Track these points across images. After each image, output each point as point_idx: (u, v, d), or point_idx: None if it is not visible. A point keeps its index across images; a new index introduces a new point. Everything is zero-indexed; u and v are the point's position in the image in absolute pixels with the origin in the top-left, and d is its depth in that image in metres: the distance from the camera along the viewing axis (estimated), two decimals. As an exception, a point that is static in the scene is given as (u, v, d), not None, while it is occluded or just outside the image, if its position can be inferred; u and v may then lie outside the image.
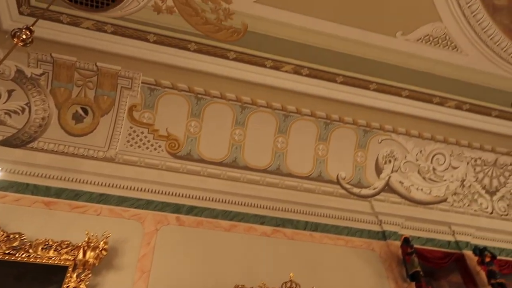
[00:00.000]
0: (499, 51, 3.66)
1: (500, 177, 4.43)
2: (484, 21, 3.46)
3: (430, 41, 3.53)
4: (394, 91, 3.82)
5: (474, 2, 3.34)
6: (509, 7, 3.41)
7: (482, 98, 4.00)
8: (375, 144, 4.04)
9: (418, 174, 4.17)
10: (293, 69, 3.52)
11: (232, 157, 3.61)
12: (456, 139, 4.21)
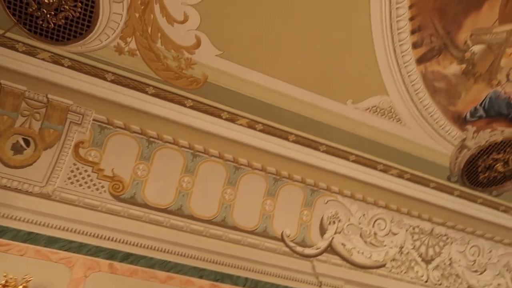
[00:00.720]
0: (438, 128, 3.98)
1: (435, 247, 4.62)
2: (425, 99, 3.78)
3: (377, 112, 3.78)
4: (342, 155, 3.99)
5: (417, 82, 3.66)
6: (446, 90, 3.77)
7: (421, 169, 4.26)
8: (321, 204, 4.12)
9: (360, 238, 4.26)
10: (248, 123, 3.60)
11: (178, 204, 3.52)
12: (397, 206, 4.39)
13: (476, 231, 4.70)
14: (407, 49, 3.45)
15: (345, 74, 3.49)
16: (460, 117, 3.97)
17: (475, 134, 4.07)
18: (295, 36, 3.19)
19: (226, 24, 3.08)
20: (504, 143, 4.13)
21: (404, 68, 3.53)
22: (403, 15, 3.26)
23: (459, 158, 4.20)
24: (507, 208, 4.64)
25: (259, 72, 3.34)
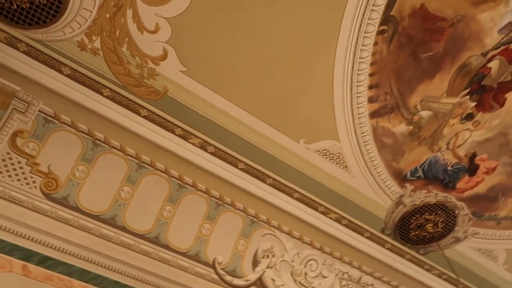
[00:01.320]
0: (380, 181, 4.17)
1: (361, 295, 4.73)
2: (372, 152, 3.97)
3: (327, 156, 3.91)
4: (287, 191, 4.05)
5: (367, 134, 3.84)
6: (392, 147, 3.98)
7: (359, 218, 4.41)
8: (259, 236, 4.12)
9: (291, 276, 4.28)
10: (200, 143, 3.59)
11: (112, 213, 3.38)
12: (331, 250, 4.48)
13: (400, 286, 4.87)
14: (362, 102, 3.63)
15: (302, 114, 3.60)
16: (401, 175, 4.19)
17: (412, 193, 4.29)
18: (262, 68, 3.26)
19: (197, 43, 3.10)
20: (436, 205, 4.38)
21: (358, 119, 3.70)
22: (364, 70, 3.45)
23: (395, 213, 4.40)
24: (431, 268, 4.88)
25: (220, 95, 3.36)
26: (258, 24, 3.04)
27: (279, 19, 3.04)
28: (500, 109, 3.89)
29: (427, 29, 3.36)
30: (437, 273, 4.95)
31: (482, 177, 4.35)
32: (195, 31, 3.03)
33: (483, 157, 4.18)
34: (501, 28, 3.45)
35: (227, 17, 2.97)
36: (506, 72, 3.69)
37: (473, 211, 4.55)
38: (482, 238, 4.82)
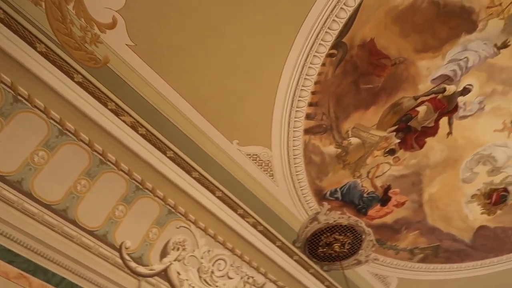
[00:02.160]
0: (301, 194, 4.33)
1: (261, 301, 4.86)
2: (299, 166, 4.11)
3: (256, 161, 3.97)
4: (210, 188, 4.04)
5: (298, 148, 3.97)
6: (319, 165, 4.16)
7: (275, 226, 4.53)
8: (173, 227, 4.06)
9: (197, 272, 4.26)
10: (132, 123, 3.46)
11: (19, 177, 3.13)
12: (241, 253, 4.55)
13: (299, 297, 5.09)
14: (300, 117, 3.75)
15: (241, 116, 3.63)
16: (321, 193, 4.38)
17: (328, 212, 4.51)
18: (210, 63, 3.24)
19: (149, 21, 3.00)
20: (347, 227, 4.64)
21: (292, 132, 3.82)
22: (308, 87, 3.57)
23: (308, 228, 4.59)
24: (330, 284, 5.15)
25: (162, 78, 3.28)
26: (214, 20, 3.02)
27: (237, 20, 3.05)
28: (419, 150, 4.24)
29: (371, 63, 3.57)
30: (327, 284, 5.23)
31: (392, 209, 4.70)
32: (151, 9, 2.93)
33: (396, 190, 4.52)
34: (434, 78, 3.77)
35: (186, 4, 2.92)
36: (430, 119, 4.04)
37: (377, 238, 4.89)
38: (380, 264, 5.20)
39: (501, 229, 5.11)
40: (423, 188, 4.57)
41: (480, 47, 3.65)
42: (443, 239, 5.10)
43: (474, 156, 4.40)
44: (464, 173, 4.53)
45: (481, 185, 4.68)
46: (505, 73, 3.83)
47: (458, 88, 3.87)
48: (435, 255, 5.29)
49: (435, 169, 4.42)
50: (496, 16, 3.49)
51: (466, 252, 5.30)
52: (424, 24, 3.44)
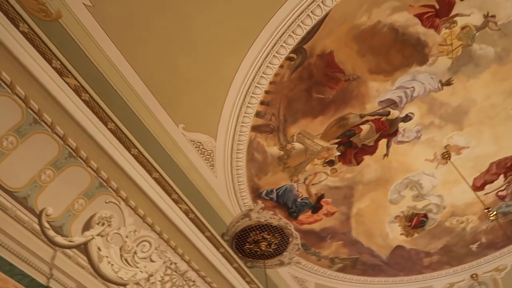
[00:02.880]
0: (237, 189, 4.36)
1: None
2: (241, 161, 4.14)
3: (199, 149, 3.94)
4: (148, 167, 3.95)
5: (243, 143, 3.99)
6: (260, 164, 4.21)
7: (207, 217, 4.53)
8: (102, 201, 3.92)
9: (119, 250, 4.15)
10: (76, 86, 3.28)
11: None
12: (168, 237, 4.49)
13: (219, 289, 5.13)
14: (250, 113, 3.78)
15: (192, 101, 3.58)
16: (258, 191, 4.45)
17: (261, 210, 4.59)
18: (169, 40, 3.16)
19: (113, -16, 2.87)
20: (276, 228, 4.75)
21: (240, 126, 3.83)
22: (263, 85, 3.60)
23: (239, 223, 4.64)
24: (251, 281, 5.25)
25: (116, 46, 3.14)
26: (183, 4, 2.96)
27: (204, 6, 3.00)
28: (356, 166, 4.44)
29: (327, 74, 3.68)
30: (254, 287, 5.34)
31: (321, 217, 4.88)
32: (116, -29, 2.81)
33: (328, 200, 4.70)
34: (381, 101, 3.96)
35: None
36: (371, 138, 4.24)
37: (303, 243, 5.06)
38: (302, 268, 5.38)
39: (415, 251, 5.50)
40: (353, 202, 4.79)
41: (427, 80, 3.90)
42: (363, 252, 5.39)
43: (404, 180, 4.69)
44: (392, 194, 4.81)
45: (405, 208, 5.00)
46: (444, 108, 4.12)
47: (401, 114, 4.10)
48: (353, 266, 5.57)
49: (367, 186, 4.65)
50: (446, 54, 3.75)
51: (381, 267, 5.64)
52: (381, 47, 3.60)
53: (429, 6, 3.43)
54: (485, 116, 4.25)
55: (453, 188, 4.79)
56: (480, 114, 4.22)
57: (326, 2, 3.24)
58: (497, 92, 4.08)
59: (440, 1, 3.40)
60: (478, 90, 4.02)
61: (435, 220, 5.20)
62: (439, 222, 5.22)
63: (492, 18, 3.59)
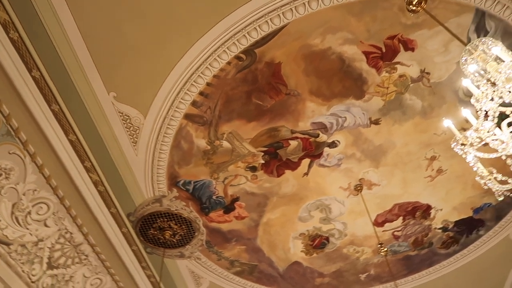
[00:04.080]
0: (155, 172, 4.24)
1: (69, 259, 4.57)
2: (166, 145, 4.03)
3: (126, 122, 3.79)
4: (66, 127, 3.65)
5: (172, 128, 3.91)
6: (184, 153, 4.16)
7: (116, 193, 4.34)
8: (4, 150, 3.56)
9: (11, 206, 3.83)
10: (5, 21, 2.97)
11: None
12: (70, 205, 4.22)
13: (111, 268, 4.93)
14: (187, 100, 3.73)
15: (130, 72, 3.45)
16: (175, 179, 4.38)
17: (174, 199, 4.52)
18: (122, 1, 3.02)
19: None
20: (185, 220, 4.71)
21: (174, 110, 3.76)
22: (206, 76, 3.58)
23: (149, 207, 4.52)
24: (146, 266, 5.13)
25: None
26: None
27: (168, -23, 2.92)
28: (276, 178, 4.56)
29: (270, 83, 3.75)
30: (148, 273, 5.22)
31: (232, 219, 4.93)
32: None
33: (242, 204, 4.77)
34: (314, 122, 4.13)
35: None
36: (296, 155, 4.39)
37: (208, 240, 5.07)
38: (200, 264, 5.38)
39: (310, 269, 5.77)
40: (265, 211, 4.91)
41: (359, 115, 4.14)
42: (263, 261, 5.53)
43: (316, 201, 4.91)
44: (303, 212, 5.01)
45: (311, 228, 5.24)
46: (367, 144, 4.40)
47: (328, 139, 4.30)
48: (250, 272, 5.69)
49: (281, 199, 4.80)
50: (380, 96, 4.02)
51: (276, 279, 5.83)
52: (326, 72, 3.77)
53: (377, 47, 3.66)
54: (400, 161, 4.61)
55: (358, 219, 5.12)
56: (396, 158, 4.57)
57: (287, 14, 3.32)
58: (415, 142, 4.45)
59: (387, 46, 3.65)
60: (399, 135, 4.36)
61: (335, 245, 5.50)
62: (338, 248, 5.54)
63: (427, 75, 3.92)
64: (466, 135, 1.74)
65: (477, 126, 1.65)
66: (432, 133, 4.34)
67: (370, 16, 3.44)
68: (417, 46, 3.67)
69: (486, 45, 1.75)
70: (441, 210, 5.18)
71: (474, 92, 1.69)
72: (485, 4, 3.36)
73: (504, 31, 3.52)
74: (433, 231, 5.45)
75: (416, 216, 5.24)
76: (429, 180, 4.82)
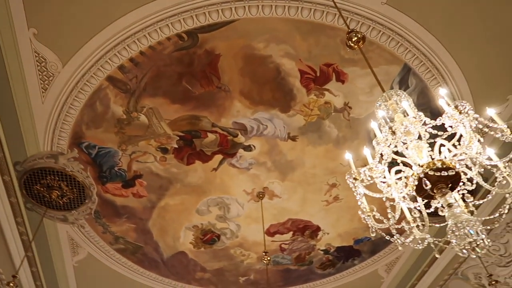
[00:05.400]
0: (59, 127, 3.94)
1: None
2: (79, 101, 3.77)
3: (40, 65, 3.47)
4: None
5: (91, 85, 3.67)
6: (97, 115, 3.92)
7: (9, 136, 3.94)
8: None
9: None
10: None
11: None
12: None
13: (-21, 215, 4.46)
14: (115, 62, 3.54)
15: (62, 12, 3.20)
16: (80, 140, 4.10)
17: (72, 160, 4.23)
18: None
19: None
20: (77, 184, 4.43)
21: (97, 68, 3.54)
22: (141, 44, 3.44)
23: (42, 161, 4.17)
24: (22, 222, 4.69)
25: None
26: None
27: None
28: (185, 165, 4.51)
29: (204, 71, 3.72)
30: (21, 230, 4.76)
31: (129, 194, 4.76)
32: None
33: (143, 182, 4.63)
34: (236, 122, 4.17)
35: None
36: (211, 148, 4.39)
37: (97, 210, 4.83)
38: (82, 233, 5.08)
39: (194, 262, 5.79)
40: (165, 195, 4.82)
41: (280, 127, 4.27)
42: (149, 244, 5.41)
43: (218, 198, 4.95)
44: (202, 205, 5.02)
45: (206, 222, 5.26)
46: (280, 157, 4.56)
47: (245, 142, 4.37)
48: (133, 252, 5.54)
49: (184, 188, 4.75)
50: (304, 115, 4.19)
51: (158, 264, 5.75)
52: (260, 78, 3.83)
53: (312, 69, 3.82)
54: (305, 180, 4.84)
55: (252, 224, 5.26)
56: (302, 176, 4.79)
57: (239, 11, 3.32)
58: (322, 166, 4.71)
59: (322, 71, 3.83)
60: (311, 157, 4.58)
61: (224, 244, 5.59)
62: (226, 247, 5.63)
63: (349, 109, 4.19)
64: (360, 171, 1.90)
65: (371, 166, 1.83)
66: (339, 162, 4.63)
67: (315, 39, 3.59)
68: (348, 80, 3.91)
69: (399, 98, 1.94)
70: (328, 234, 5.53)
71: (377, 135, 1.86)
72: (413, 62, 3.70)
73: (421, 91, 3.90)
74: (316, 251, 5.80)
75: (305, 234, 5.53)
76: (325, 204, 5.13)
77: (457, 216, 1.64)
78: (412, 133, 1.73)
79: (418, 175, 1.67)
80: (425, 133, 1.71)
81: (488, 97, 3.80)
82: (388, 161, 1.78)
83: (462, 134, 1.73)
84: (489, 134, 1.71)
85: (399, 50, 3.61)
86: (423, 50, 3.57)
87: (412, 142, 1.70)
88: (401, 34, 3.48)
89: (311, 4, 3.32)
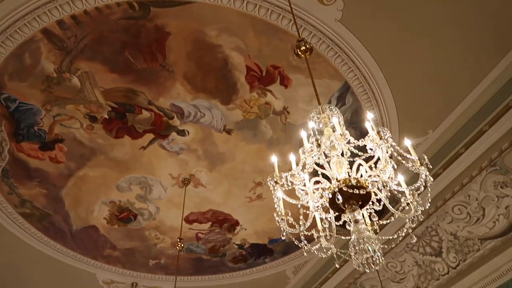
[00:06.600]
0: (-23, 71, 3.59)
1: None
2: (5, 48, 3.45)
3: None
4: None
5: (21, 34, 3.38)
6: (25, 67, 3.62)
7: None
8: None
9: None
10: None
11: None
12: None
13: None
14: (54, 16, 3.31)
15: None
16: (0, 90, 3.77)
17: None
18: None
19: None
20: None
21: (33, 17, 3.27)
22: (88, 4, 3.23)
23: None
24: None
25: None
26: None
27: None
28: (112, 138, 4.32)
29: (150, 47, 3.59)
30: None
31: (45, 158, 4.46)
32: None
33: (64, 148, 4.36)
34: (174, 104, 4.08)
35: None
36: (143, 126, 4.25)
37: (6, 168, 4.47)
38: (-16, 190, 4.69)
39: (105, 239, 5.59)
40: (86, 165, 4.59)
41: (217, 118, 4.26)
42: (58, 213, 5.12)
43: (142, 177, 4.82)
44: (123, 182, 4.85)
45: (124, 200, 5.10)
46: (212, 147, 4.55)
47: (179, 126, 4.30)
48: (39, 220, 5.20)
49: (108, 161, 4.56)
50: (243, 111, 4.22)
51: (65, 235, 5.46)
52: (206, 66, 3.79)
53: (259, 68, 3.86)
54: (232, 174, 4.88)
55: (172, 209, 5.20)
56: (230, 170, 4.83)
57: (198, -7, 3.25)
58: (252, 164, 4.79)
59: (268, 72, 3.88)
60: (242, 153, 4.63)
61: (140, 224, 5.45)
62: (142, 228, 5.50)
63: (287, 114, 4.29)
64: (282, 175, 1.96)
65: (294, 173, 1.90)
66: (268, 163, 4.73)
67: (267, 39, 3.62)
68: (291, 85, 4.00)
69: (332, 113, 2.03)
70: (245, 229, 5.64)
71: (304, 144, 1.94)
72: (353, 82, 3.89)
73: (355, 110, 4.11)
74: (231, 245, 5.88)
75: (223, 227, 5.59)
76: (248, 201, 5.22)
77: (360, 232, 1.76)
78: (336, 148, 1.82)
79: (334, 189, 1.77)
80: (347, 151, 1.82)
81: (413, 127, 4.11)
82: (309, 171, 1.86)
83: (379, 158, 1.87)
84: (402, 163, 1.85)
85: (343, 68, 3.77)
86: (364, 72, 3.77)
87: (334, 157, 1.80)
88: (347, 53, 3.64)
89: (270, 5, 3.35)
